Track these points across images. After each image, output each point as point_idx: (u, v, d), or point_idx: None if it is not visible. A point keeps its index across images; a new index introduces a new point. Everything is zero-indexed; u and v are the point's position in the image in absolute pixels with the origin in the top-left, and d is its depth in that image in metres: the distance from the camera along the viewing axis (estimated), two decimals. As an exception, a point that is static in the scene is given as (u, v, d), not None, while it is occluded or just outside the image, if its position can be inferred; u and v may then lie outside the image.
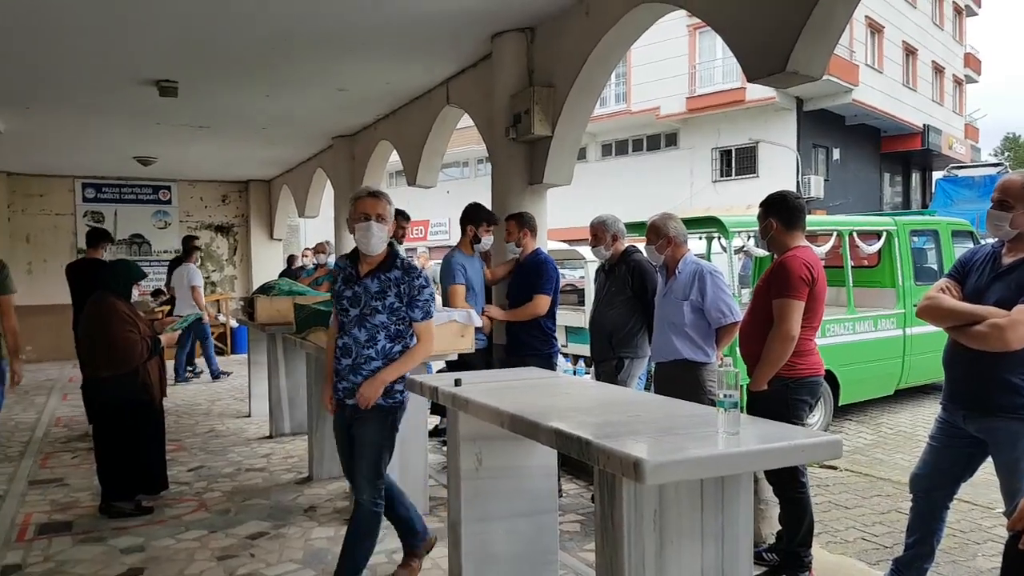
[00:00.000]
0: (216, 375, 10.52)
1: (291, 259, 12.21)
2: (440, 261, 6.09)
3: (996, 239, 3.14)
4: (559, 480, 5.07)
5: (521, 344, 5.06)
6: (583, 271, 9.35)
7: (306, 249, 12.43)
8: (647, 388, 5.23)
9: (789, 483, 3.65)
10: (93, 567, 3.96)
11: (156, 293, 10.66)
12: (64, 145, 10.53)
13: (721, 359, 4.08)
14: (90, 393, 4.74)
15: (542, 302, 5.00)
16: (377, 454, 3.41)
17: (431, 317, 3.49)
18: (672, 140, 26.10)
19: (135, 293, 5.03)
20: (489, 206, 6.18)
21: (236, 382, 10.16)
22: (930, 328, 8.34)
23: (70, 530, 4.52)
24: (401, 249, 6.01)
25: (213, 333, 13.49)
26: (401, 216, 5.93)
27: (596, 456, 2.11)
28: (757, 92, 22.22)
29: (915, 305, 7.96)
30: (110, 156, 11.52)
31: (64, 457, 6.25)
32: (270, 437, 6.79)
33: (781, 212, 3.71)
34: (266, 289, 7.20)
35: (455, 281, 5.11)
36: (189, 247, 10.54)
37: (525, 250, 5.24)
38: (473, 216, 5.32)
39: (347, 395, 3.42)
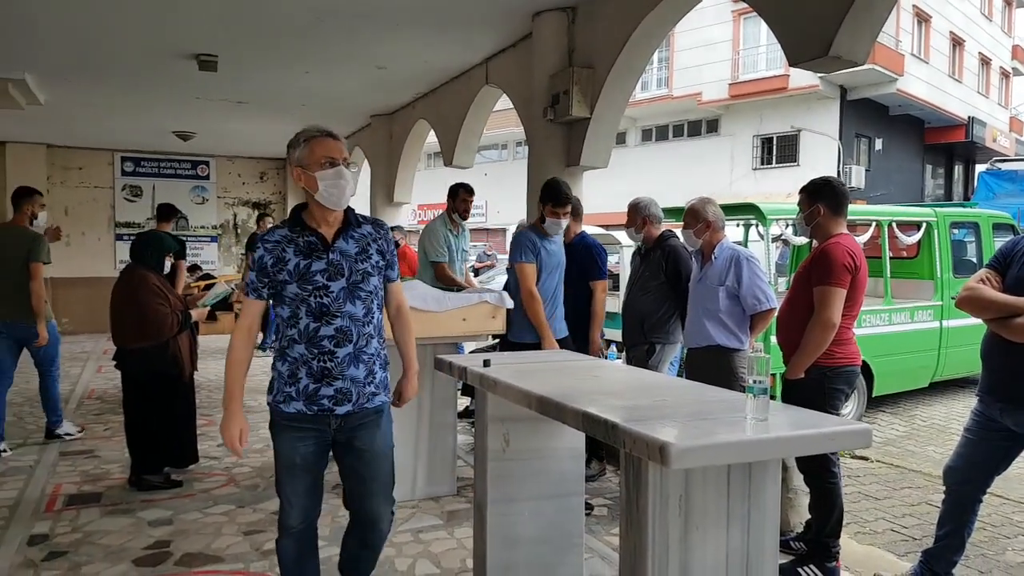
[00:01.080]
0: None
1: None
2: (476, 244, 6.08)
3: None
4: (604, 462, 5.07)
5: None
6: (618, 256, 9.28)
7: None
8: (679, 374, 5.19)
9: (820, 472, 3.61)
10: (120, 538, 4.01)
11: (193, 268, 10.84)
12: (104, 118, 10.70)
13: (753, 346, 4.05)
14: (121, 364, 4.82)
15: (601, 288, 4.93)
16: (392, 460, 2.88)
17: None
18: (713, 126, 25.78)
19: (167, 265, 5.09)
20: (525, 187, 6.16)
21: (267, 359, 10.25)
22: (967, 321, 8.27)
23: (99, 501, 4.59)
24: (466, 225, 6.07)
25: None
26: (465, 190, 5.85)
27: (623, 439, 2.09)
28: (800, 80, 21.85)
29: (953, 297, 7.87)
30: (149, 130, 11.69)
31: (96, 429, 6.37)
32: (301, 412, 6.84)
33: (828, 197, 3.64)
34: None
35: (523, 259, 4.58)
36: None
37: (571, 233, 5.04)
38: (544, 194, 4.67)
39: (339, 402, 2.66)
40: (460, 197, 5.81)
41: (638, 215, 4.75)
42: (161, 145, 13.23)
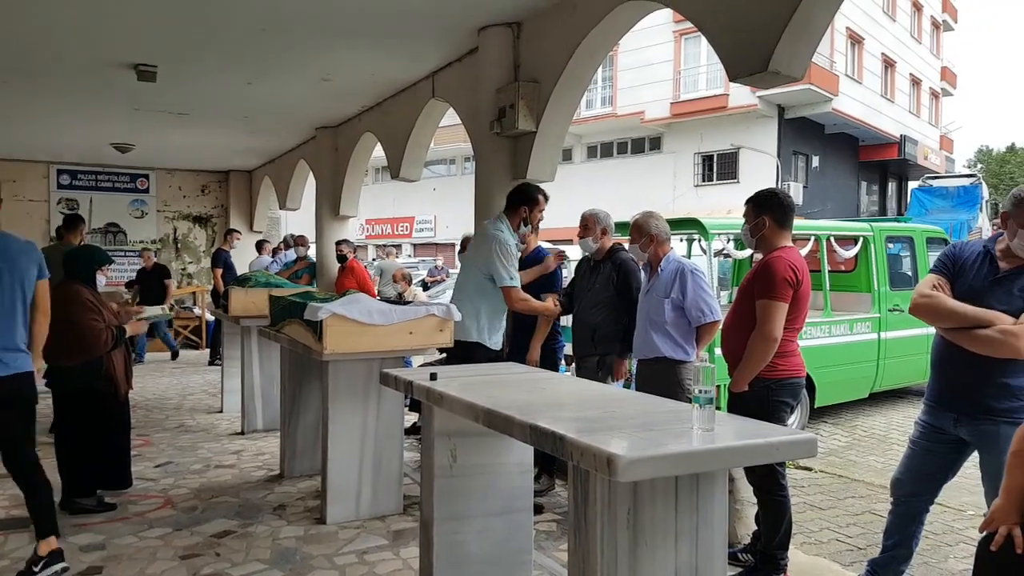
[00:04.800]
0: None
1: (260, 245, 11.91)
2: (425, 259, 5.95)
3: (988, 238, 3.13)
4: (554, 477, 5.05)
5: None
6: (567, 271, 9.33)
7: (267, 243, 12.04)
8: (627, 385, 5.22)
9: (769, 485, 3.63)
10: (52, 563, 3.83)
11: (130, 284, 10.52)
12: (38, 129, 10.36)
13: (699, 356, 4.08)
14: (51, 383, 4.62)
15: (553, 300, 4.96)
16: None
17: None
18: (656, 144, 26.27)
19: (102, 281, 4.90)
20: (473, 201, 6.14)
21: (209, 376, 10.03)
22: (905, 332, 8.57)
23: (28, 527, 4.35)
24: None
25: (188, 326, 13.40)
26: (544, 197, 4.91)
27: (571, 451, 2.07)
28: (740, 99, 22.42)
29: (891, 310, 8.08)
30: (86, 142, 11.36)
31: (29, 448, 6.10)
32: (241, 433, 6.67)
33: (775, 209, 3.64)
34: (242, 281, 7.11)
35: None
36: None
37: (528, 247, 5.17)
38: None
39: None
40: (540, 205, 4.86)
41: (598, 224, 4.75)
42: (99, 157, 12.87)
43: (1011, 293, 2.91)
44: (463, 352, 4.61)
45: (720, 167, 24.54)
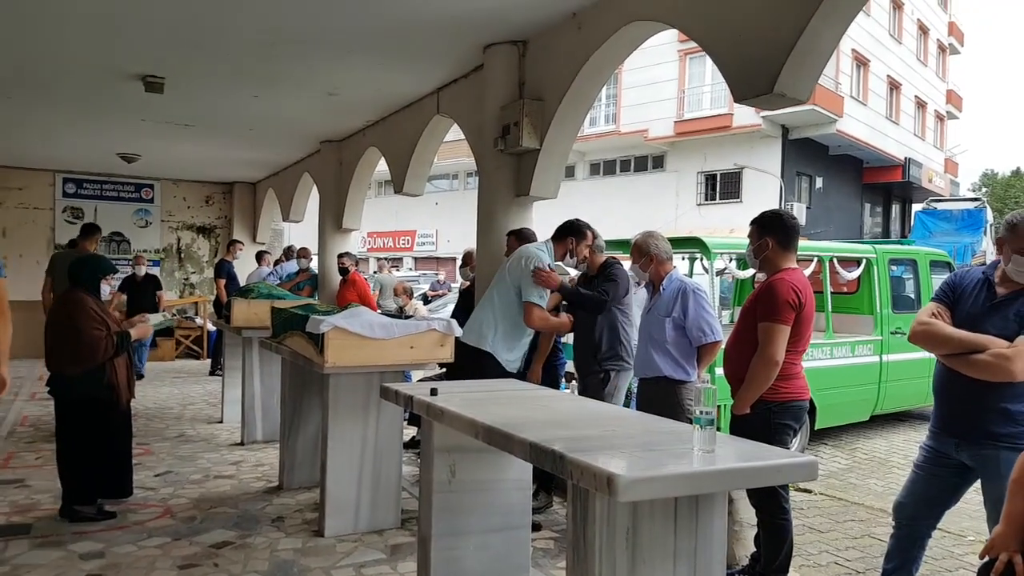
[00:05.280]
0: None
1: (260, 256, 11.91)
2: (426, 273, 5.92)
3: (988, 265, 3.15)
4: (552, 494, 5.04)
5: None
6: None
7: (267, 254, 12.01)
8: (627, 404, 5.21)
9: (772, 508, 3.61)
10: (50, 572, 3.84)
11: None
12: (45, 138, 10.41)
13: (701, 377, 4.07)
14: (53, 390, 4.63)
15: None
16: None
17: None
18: (659, 162, 26.33)
19: (106, 290, 4.92)
20: (474, 217, 6.16)
21: (210, 387, 10.03)
22: (907, 356, 8.55)
23: (28, 533, 4.39)
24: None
25: (189, 336, 13.40)
26: (593, 233, 4.87)
27: (570, 470, 2.07)
28: (744, 119, 22.49)
29: (893, 332, 8.07)
30: (93, 151, 11.41)
31: (27, 457, 6.11)
32: (241, 444, 6.67)
33: (778, 231, 3.63)
34: (245, 292, 7.12)
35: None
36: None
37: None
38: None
39: None
40: (588, 240, 4.81)
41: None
42: (105, 167, 12.92)
43: (1007, 318, 2.94)
44: (473, 359, 4.57)
45: (723, 186, 24.60)
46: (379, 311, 6.54)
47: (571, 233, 4.79)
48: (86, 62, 6.75)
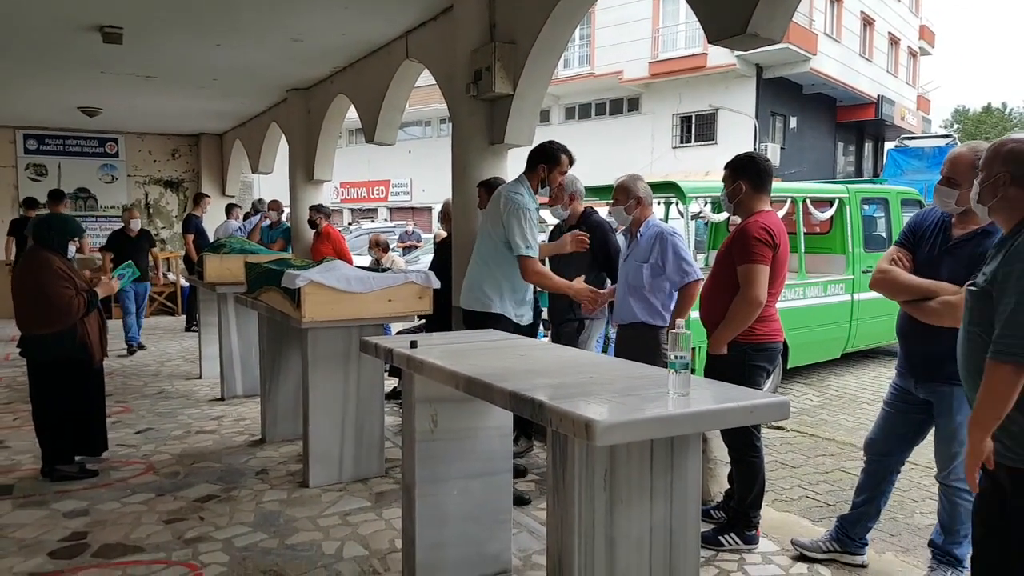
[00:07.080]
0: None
1: (228, 209, 11.68)
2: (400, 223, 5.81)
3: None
4: (532, 439, 5.10)
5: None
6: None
7: (237, 208, 11.79)
8: (604, 350, 5.27)
9: (744, 447, 3.69)
10: (35, 531, 3.86)
11: (103, 250, 10.31)
12: (3, 93, 10.09)
13: (675, 322, 4.10)
14: (25, 351, 4.59)
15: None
16: None
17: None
18: (634, 105, 26.13)
19: (72, 250, 4.84)
20: (449, 165, 6.10)
21: (186, 343, 9.98)
22: (877, 294, 8.64)
23: (11, 494, 4.40)
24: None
25: (162, 292, 13.24)
26: (568, 156, 4.43)
27: (549, 417, 2.10)
28: (718, 58, 22.30)
29: (864, 271, 8.18)
30: (53, 106, 11.10)
31: (5, 418, 6.09)
32: (221, 399, 6.67)
33: (751, 174, 3.65)
34: (216, 247, 7.05)
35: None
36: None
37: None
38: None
39: None
40: (562, 166, 4.38)
41: (564, 192, 4.75)
42: (66, 122, 12.58)
43: (959, 262, 3.01)
44: (485, 326, 4.13)
45: (698, 128, 24.51)
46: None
47: (542, 159, 4.33)
48: (41, 13, 6.52)
